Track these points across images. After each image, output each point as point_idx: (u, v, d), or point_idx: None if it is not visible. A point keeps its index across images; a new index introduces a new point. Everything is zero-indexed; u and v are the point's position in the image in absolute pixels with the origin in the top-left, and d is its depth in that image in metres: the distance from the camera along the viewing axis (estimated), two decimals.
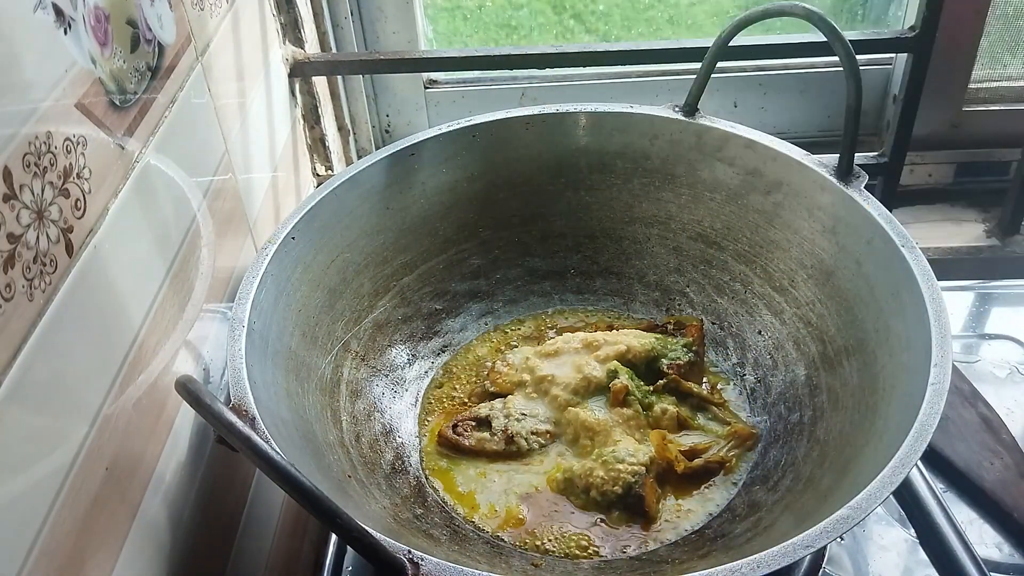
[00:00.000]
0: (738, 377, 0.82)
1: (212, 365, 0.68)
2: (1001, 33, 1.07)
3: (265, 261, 0.69)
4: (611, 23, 1.19)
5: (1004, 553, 0.74)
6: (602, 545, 0.69)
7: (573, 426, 0.75)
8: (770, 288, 0.81)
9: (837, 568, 0.73)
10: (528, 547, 0.69)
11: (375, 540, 0.49)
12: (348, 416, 0.74)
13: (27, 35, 0.46)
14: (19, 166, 0.45)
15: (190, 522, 0.62)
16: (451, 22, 1.18)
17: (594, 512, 0.70)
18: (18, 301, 0.44)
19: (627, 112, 0.84)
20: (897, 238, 0.68)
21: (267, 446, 0.47)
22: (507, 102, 1.12)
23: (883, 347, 0.67)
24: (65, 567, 0.47)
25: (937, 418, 0.56)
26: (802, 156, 0.77)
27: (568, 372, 0.78)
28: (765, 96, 1.13)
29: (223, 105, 0.73)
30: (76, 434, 0.49)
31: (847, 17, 1.16)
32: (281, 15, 0.91)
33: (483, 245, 0.88)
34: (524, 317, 0.89)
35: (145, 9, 0.60)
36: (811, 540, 0.51)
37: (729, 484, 0.72)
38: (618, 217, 0.88)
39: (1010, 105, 1.10)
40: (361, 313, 0.80)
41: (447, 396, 0.82)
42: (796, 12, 0.71)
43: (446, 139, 0.83)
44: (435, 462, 0.76)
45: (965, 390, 0.86)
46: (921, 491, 0.74)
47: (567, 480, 0.72)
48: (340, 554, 0.77)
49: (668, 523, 0.70)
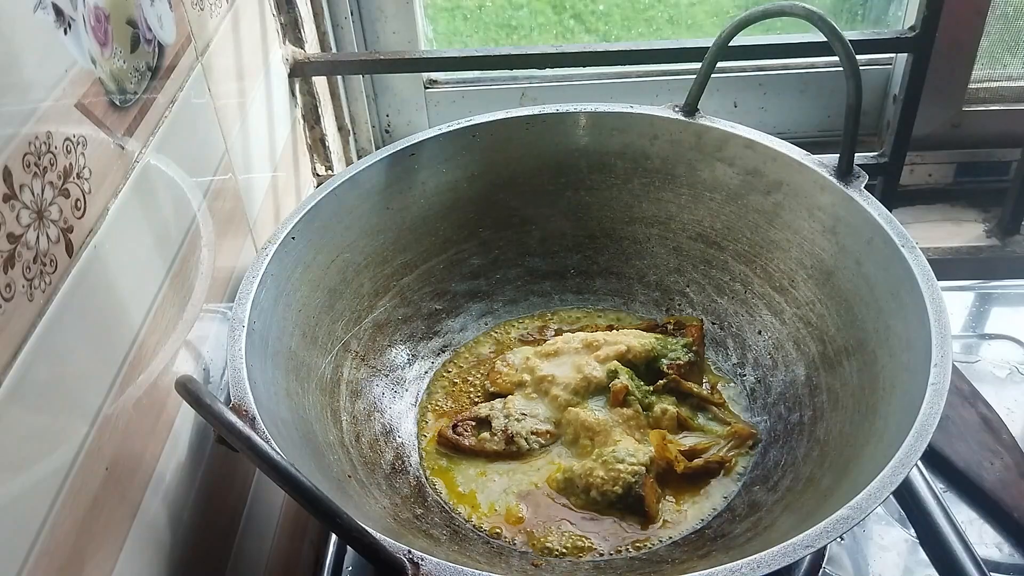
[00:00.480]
0: (738, 377, 0.82)
1: (212, 365, 0.68)
2: (1001, 33, 1.07)
3: (265, 261, 0.69)
4: (611, 23, 1.19)
5: (1004, 553, 0.74)
6: (601, 545, 0.69)
7: (573, 426, 0.75)
8: (770, 288, 0.81)
9: (837, 568, 0.73)
10: (528, 547, 0.69)
11: (375, 540, 0.49)
12: (348, 416, 0.74)
13: (27, 35, 0.46)
14: (19, 166, 0.45)
15: (190, 522, 0.62)
16: (451, 22, 1.18)
17: (594, 512, 0.70)
18: (18, 301, 0.44)
19: (627, 112, 0.84)
20: (897, 238, 0.68)
21: (267, 446, 0.48)
22: (507, 102, 1.12)
23: (883, 347, 0.67)
24: (65, 567, 0.47)
25: (937, 418, 0.56)
26: (802, 156, 0.77)
27: (568, 372, 0.78)
28: (765, 96, 1.13)
29: (223, 105, 0.73)
30: (76, 434, 0.49)
31: (847, 17, 1.16)
32: (281, 15, 0.91)
33: (483, 245, 0.88)
34: (524, 317, 0.89)
35: (145, 9, 0.60)
36: (811, 540, 0.51)
37: (729, 484, 0.72)
38: (618, 217, 0.88)
39: (1010, 105, 1.10)
40: (361, 313, 0.80)
41: (447, 395, 0.82)
42: (796, 12, 0.71)
43: (446, 139, 0.83)
44: (435, 462, 0.76)
45: (965, 390, 0.86)
46: (921, 491, 0.74)
47: (567, 480, 0.72)
48: (340, 554, 0.77)
49: (668, 523, 0.70)
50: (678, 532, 0.69)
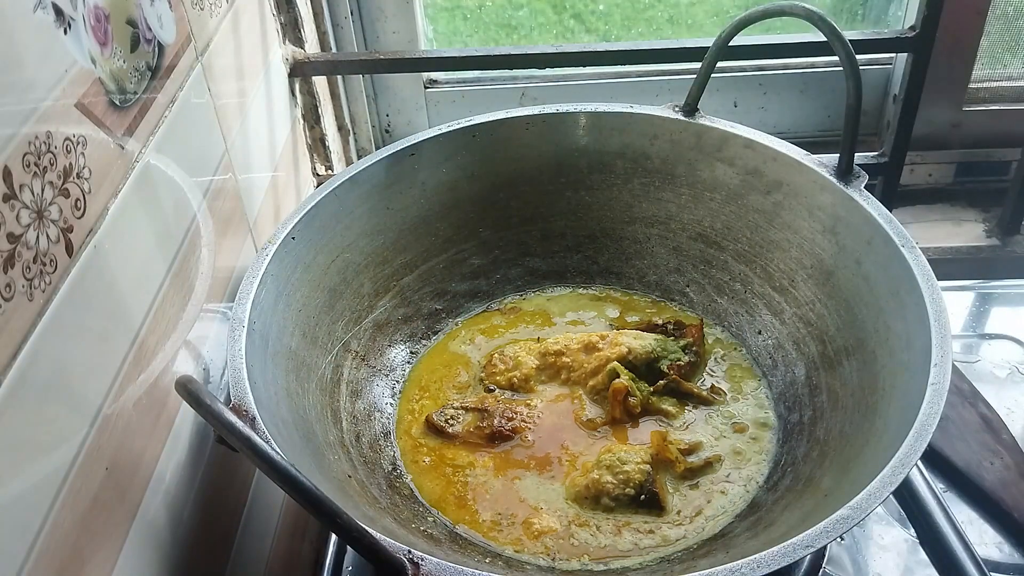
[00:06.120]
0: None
1: (212, 365, 0.68)
2: (1001, 33, 1.07)
3: (265, 261, 0.69)
4: (611, 23, 1.19)
5: (1004, 553, 0.74)
6: (603, 544, 0.68)
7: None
8: (770, 288, 0.81)
9: (837, 568, 0.73)
10: (531, 550, 0.69)
11: (375, 540, 0.49)
12: (348, 416, 0.74)
13: (27, 35, 0.46)
14: (19, 166, 0.45)
15: (190, 522, 0.62)
16: (451, 22, 1.18)
17: (605, 513, 0.70)
18: (18, 301, 0.44)
19: (627, 112, 0.84)
20: (897, 238, 0.68)
21: (267, 446, 0.47)
22: (507, 102, 1.12)
23: (883, 347, 0.67)
24: (65, 567, 0.47)
25: (937, 418, 0.56)
26: (802, 156, 0.77)
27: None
28: (765, 96, 1.13)
29: (223, 105, 0.73)
30: (76, 434, 0.49)
31: (847, 17, 1.16)
32: (281, 15, 0.91)
33: (483, 245, 0.88)
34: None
35: (145, 9, 0.60)
36: (811, 540, 0.51)
37: (740, 483, 0.72)
38: (618, 217, 0.88)
39: (1010, 105, 1.10)
40: (361, 313, 0.80)
41: (433, 387, 0.82)
42: (796, 12, 0.71)
43: (446, 139, 0.83)
44: (420, 457, 0.76)
45: (965, 390, 0.86)
46: (921, 491, 0.74)
47: (577, 495, 0.71)
48: (340, 554, 0.77)
49: (667, 523, 0.70)
50: (683, 531, 0.69)
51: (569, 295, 0.90)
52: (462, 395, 0.81)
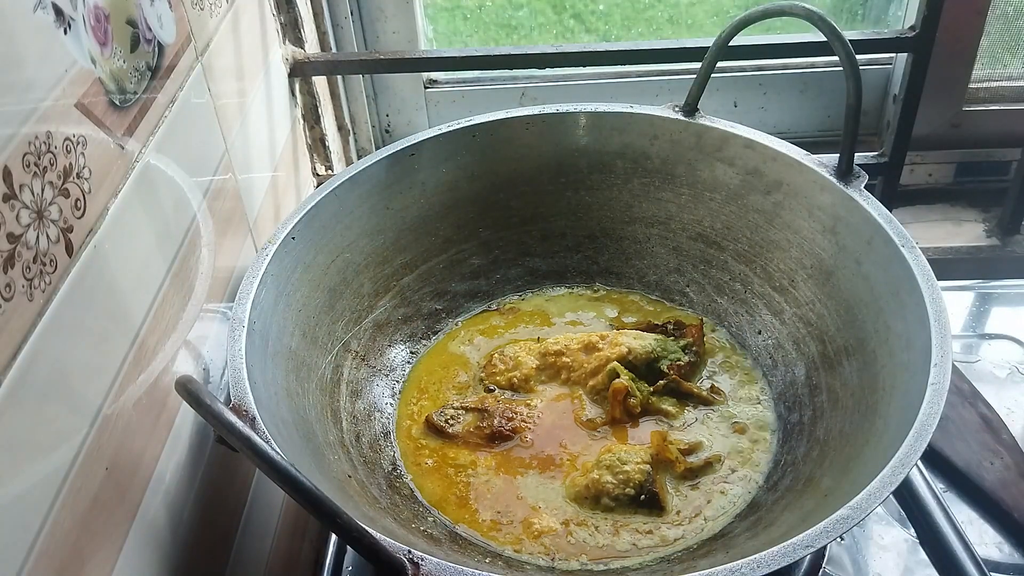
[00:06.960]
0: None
1: (212, 365, 0.68)
2: (1001, 33, 1.07)
3: (265, 261, 0.69)
4: (611, 23, 1.19)
5: (1004, 553, 0.74)
6: (601, 544, 0.68)
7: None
8: (770, 288, 0.81)
9: (837, 568, 0.73)
10: (531, 550, 0.69)
11: (375, 540, 0.49)
12: (348, 416, 0.74)
13: (27, 35, 0.46)
14: (19, 166, 0.45)
15: (190, 522, 0.62)
16: (451, 22, 1.18)
17: (605, 513, 0.70)
18: (18, 301, 0.44)
19: (627, 112, 0.84)
20: (897, 238, 0.68)
21: (267, 446, 0.47)
22: (507, 102, 1.12)
23: (883, 347, 0.67)
24: (65, 567, 0.47)
25: (937, 418, 0.56)
26: (802, 156, 0.77)
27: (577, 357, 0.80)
28: (765, 96, 1.13)
29: (223, 105, 0.73)
30: (76, 434, 0.49)
31: (847, 17, 1.16)
32: (281, 15, 0.91)
33: (483, 245, 0.88)
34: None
35: (145, 9, 0.60)
36: (811, 540, 0.51)
37: (740, 483, 0.72)
38: (618, 217, 0.88)
39: (1010, 105, 1.10)
40: (361, 313, 0.80)
41: (433, 388, 0.82)
42: (796, 12, 0.71)
43: (446, 139, 0.83)
44: (422, 459, 0.76)
45: (965, 390, 0.86)
46: (921, 491, 0.74)
47: (577, 495, 0.71)
48: (340, 554, 0.77)
49: (667, 522, 0.70)
50: (684, 531, 0.69)
51: (569, 295, 0.90)
52: (462, 395, 0.81)
